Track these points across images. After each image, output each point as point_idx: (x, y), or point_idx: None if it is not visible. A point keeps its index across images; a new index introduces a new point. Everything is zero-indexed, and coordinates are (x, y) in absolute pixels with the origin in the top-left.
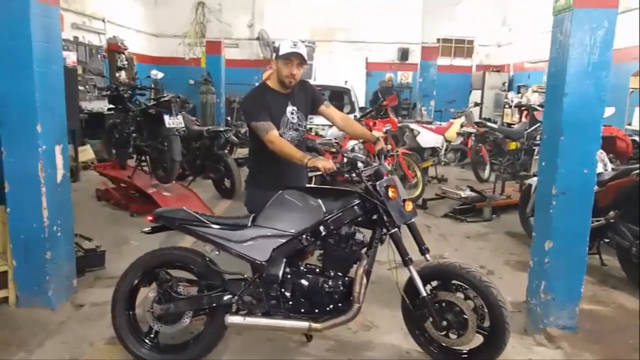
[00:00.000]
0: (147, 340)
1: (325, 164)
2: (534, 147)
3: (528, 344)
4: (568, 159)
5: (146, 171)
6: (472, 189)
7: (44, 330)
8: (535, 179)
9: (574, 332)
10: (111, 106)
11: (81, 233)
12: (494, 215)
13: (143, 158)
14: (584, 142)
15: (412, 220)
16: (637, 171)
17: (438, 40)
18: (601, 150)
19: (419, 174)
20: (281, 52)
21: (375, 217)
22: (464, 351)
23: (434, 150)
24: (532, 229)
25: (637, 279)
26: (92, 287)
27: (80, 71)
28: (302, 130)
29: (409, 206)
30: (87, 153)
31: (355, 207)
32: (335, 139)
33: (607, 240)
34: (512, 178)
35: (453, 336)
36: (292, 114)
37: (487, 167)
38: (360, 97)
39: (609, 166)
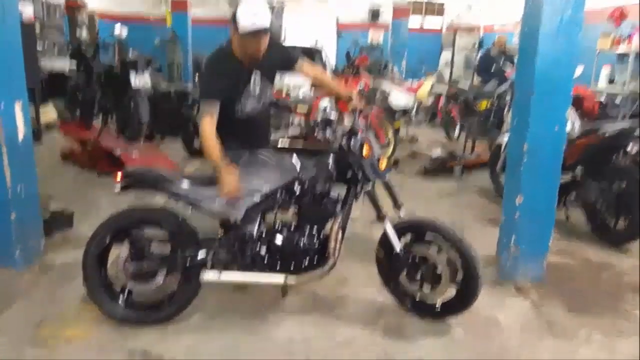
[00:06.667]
0: (120, 300)
1: (230, 186)
2: (503, 107)
3: (498, 296)
4: (539, 116)
5: (113, 132)
6: (442, 149)
7: (12, 292)
8: (505, 137)
9: (542, 284)
10: (74, 65)
11: (47, 194)
12: (464, 174)
13: (109, 118)
14: (555, 100)
15: (386, 177)
16: (603, 130)
17: (409, 2)
18: (572, 107)
19: (390, 134)
20: (242, 29)
21: (349, 174)
22: (438, 303)
23: (405, 111)
24: (502, 187)
25: (600, 233)
26: (60, 248)
27: (38, 29)
28: (264, 102)
29: (383, 163)
30: (49, 114)
31: (330, 165)
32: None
33: (573, 196)
34: (482, 137)
35: (427, 289)
36: (255, 82)
37: (457, 127)
38: (331, 57)
39: (577, 124)
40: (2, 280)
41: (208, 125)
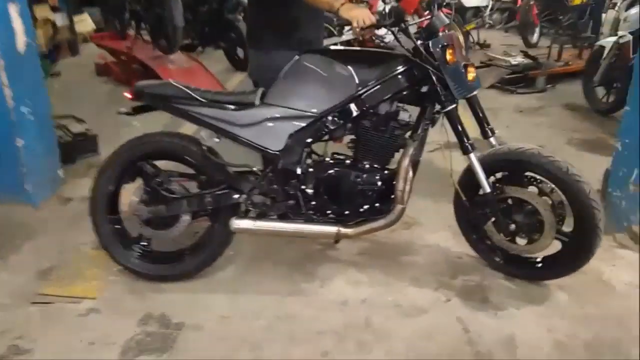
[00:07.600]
0: (137, 249)
1: (363, 14)
2: (602, 2)
3: (608, 246)
4: None
5: (147, 41)
6: (525, 55)
7: (23, 231)
8: (609, 39)
9: None
10: None
11: (75, 114)
12: (549, 86)
13: (142, 25)
14: None
15: (475, 92)
16: None
17: None
18: None
19: (461, 38)
20: None
21: (425, 89)
22: (538, 259)
23: (478, 11)
24: (599, 101)
25: None
26: (83, 177)
27: None
28: None
29: (472, 73)
30: (85, 23)
31: (400, 77)
32: None
33: None
34: (570, 41)
35: (522, 242)
36: None
37: (537, 30)
38: None
39: None
40: (14, 217)
41: None
